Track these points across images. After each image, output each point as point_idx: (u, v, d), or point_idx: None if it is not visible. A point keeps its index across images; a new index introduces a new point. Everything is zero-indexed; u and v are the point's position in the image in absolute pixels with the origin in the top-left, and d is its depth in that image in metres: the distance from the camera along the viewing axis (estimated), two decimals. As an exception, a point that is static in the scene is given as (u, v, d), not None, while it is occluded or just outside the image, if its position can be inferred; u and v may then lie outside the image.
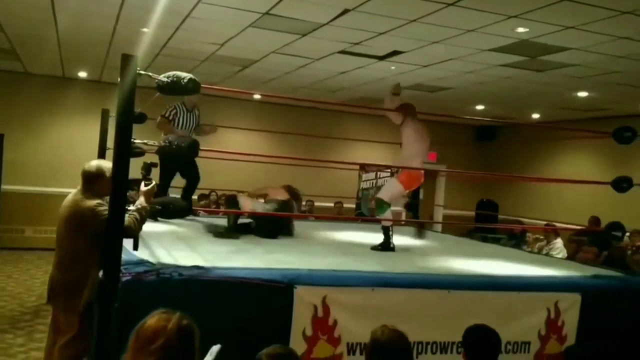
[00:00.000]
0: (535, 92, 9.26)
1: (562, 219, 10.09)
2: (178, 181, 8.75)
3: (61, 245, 3.64)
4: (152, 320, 1.99)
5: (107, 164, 3.64)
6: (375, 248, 5.23)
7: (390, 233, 5.26)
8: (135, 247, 3.51)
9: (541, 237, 9.31)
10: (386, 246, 5.24)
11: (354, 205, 10.89)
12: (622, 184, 4.71)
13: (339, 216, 5.17)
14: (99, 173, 3.64)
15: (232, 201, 5.77)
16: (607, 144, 4.85)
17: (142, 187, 3.61)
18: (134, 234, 3.46)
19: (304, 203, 10.82)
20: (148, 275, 3.20)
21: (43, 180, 11.11)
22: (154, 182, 3.67)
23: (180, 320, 1.99)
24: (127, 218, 3.37)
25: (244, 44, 7.36)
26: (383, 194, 5.35)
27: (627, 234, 6.80)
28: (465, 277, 4.21)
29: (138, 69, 3.25)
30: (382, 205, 5.28)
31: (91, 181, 3.63)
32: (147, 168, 3.77)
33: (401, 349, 2.57)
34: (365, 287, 3.64)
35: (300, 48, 7.34)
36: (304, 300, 3.45)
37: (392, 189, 5.44)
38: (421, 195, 8.56)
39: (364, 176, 12.09)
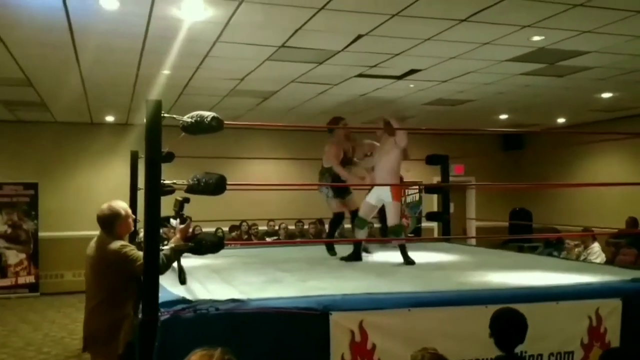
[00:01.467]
0: (558, 97, 9.18)
1: (598, 222, 9.93)
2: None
3: (91, 291, 3.70)
4: (195, 357, 2.02)
5: (119, 204, 3.72)
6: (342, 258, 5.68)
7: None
8: (183, 282, 3.59)
9: (578, 242, 9.15)
10: (357, 256, 5.74)
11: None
12: (655, 184, 4.65)
13: (378, 239, 5.25)
14: (114, 214, 3.72)
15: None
16: (636, 143, 4.80)
17: (178, 225, 3.68)
18: (160, 273, 3.53)
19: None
20: (186, 312, 3.25)
21: (78, 224, 11.32)
22: (189, 220, 3.74)
23: (222, 355, 2.02)
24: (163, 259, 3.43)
25: (262, 77, 7.49)
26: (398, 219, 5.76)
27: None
28: (502, 290, 4.17)
29: (162, 111, 3.36)
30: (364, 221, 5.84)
31: (108, 224, 3.71)
32: (180, 205, 3.84)
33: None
34: (402, 309, 3.64)
35: (318, 75, 7.44)
36: (341, 325, 3.46)
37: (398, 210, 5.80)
38: (452, 209, 8.53)
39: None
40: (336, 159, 5.97)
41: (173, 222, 3.73)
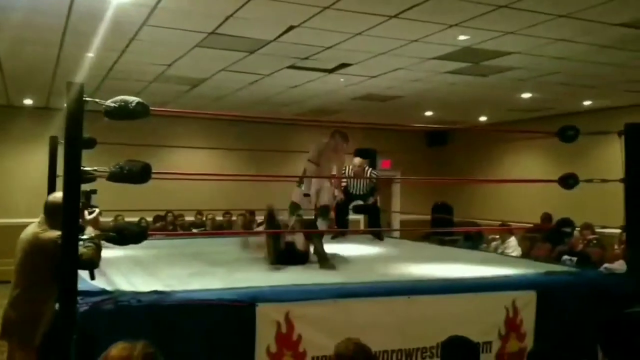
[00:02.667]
0: (481, 96, 9.50)
1: (515, 217, 10.35)
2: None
3: (19, 278, 3.54)
4: (116, 350, 1.96)
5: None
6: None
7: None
8: (92, 277, 3.45)
9: (496, 236, 9.52)
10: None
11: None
12: (568, 181, 4.87)
13: (314, 230, 5.26)
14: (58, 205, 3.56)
15: (272, 220, 5.10)
16: (554, 142, 5.01)
17: (87, 216, 3.55)
18: (96, 265, 3.41)
19: (260, 218, 10.81)
20: (106, 303, 3.14)
21: (-4, 212, 10.79)
22: (97, 209, 3.61)
23: (144, 349, 1.97)
24: (86, 250, 3.30)
25: (192, 64, 7.34)
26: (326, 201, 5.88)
27: (577, 228, 7.01)
28: (423, 282, 4.27)
29: (84, 95, 3.22)
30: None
31: (54, 213, 3.55)
32: (87, 195, 3.70)
33: (366, 363, 2.60)
34: (328, 300, 3.66)
35: (249, 65, 7.36)
36: (267, 317, 3.44)
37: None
38: (378, 202, 8.67)
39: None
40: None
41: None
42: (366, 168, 7.14)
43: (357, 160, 7.00)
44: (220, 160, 12.08)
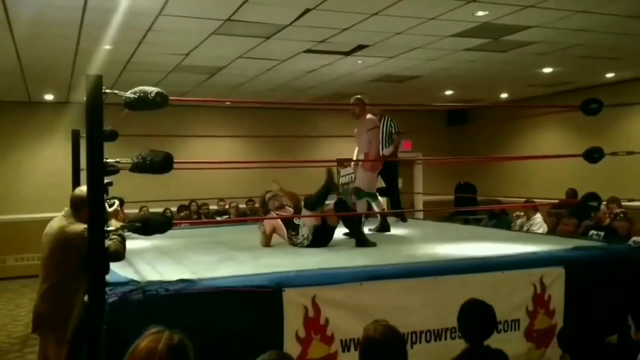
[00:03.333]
0: (501, 73, 9.36)
1: (540, 194, 10.25)
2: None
3: (47, 273, 3.59)
4: (144, 342, 1.98)
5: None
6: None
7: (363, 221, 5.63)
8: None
9: (521, 213, 9.43)
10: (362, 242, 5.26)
11: (334, 201, 10.91)
12: (593, 155, 4.80)
13: (334, 214, 5.18)
14: (85, 198, 3.59)
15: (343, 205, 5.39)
16: (577, 116, 4.94)
17: (107, 208, 3.58)
18: (122, 257, 3.45)
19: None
20: (134, 293, 3.18)
21: (19, 207, 10.97)
22: (116, 202, 3.65)
23: (170, 339, 1.98)
24: (112, 243, 3.35)
25: (208, 52, 7.33)
26: (360, 184, 5.73)
27: (603, 202, 6.91)
28: (449, 262, 4.26)
29: (104, 88, 3.23)
30: (360, 193, 5.69)
31: (78, 207, 3.59)
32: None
33: (395, 345, 2.59)
34: (354, 283, 3.67)
35: (266, 51, 7.33)
36: (294, 302, 3.46)
37: (366, 178, 5.80)
38: (400, 184, 8.62)
39: (342, 171, 12.12)
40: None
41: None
42: (385, 116, 6.77)
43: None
44: (241, 147, 12.12)
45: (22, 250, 10.91)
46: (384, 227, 6.25)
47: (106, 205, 3.60)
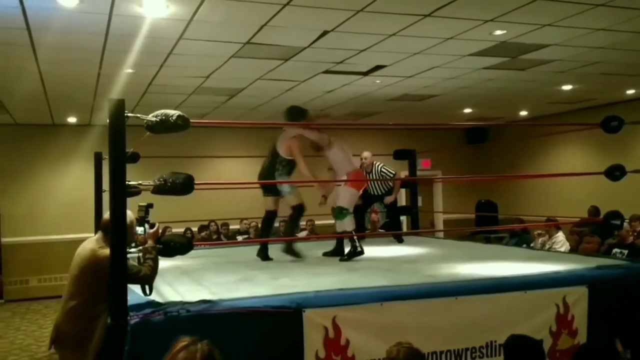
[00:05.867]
0: (520, 91, 9.34)
1: (561, 212, 10.13)
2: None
3: (73, 292, 3.62)
4: (181, 354, 2.02)
5: (127, 213, 3.64)
6: (342, 259, 5.49)
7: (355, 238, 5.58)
8: (145, 292, 3.52)
9: (543, 232, 9.32)
10: (355, 253, 5.49)
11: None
12: (615, 173, 4.77)
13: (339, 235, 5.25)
14: None
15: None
16: (598, 133, 4.90)
17: (148, 230, 3.62)
18: (151, 281, 3.49)
19: (303, 223, 10.86)
20: (156, 315, 3.20)
21: (42, 228, 11.12)
22: (157, 224, 3.68)
23: (203, 350, 2.03)
24: (144, 267, 3.40)
25: (228, 74, 7.43)
26: (341, 202, 5.66)
27: (627, 220, 6.82)
28: (470, 281, 4.22)
29: (126, 111, 3.29)
30: (342, 212, 5.62)
31: (109, 231, 3.64)
32: (145, 210, 3.78)
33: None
34: (374, 303, 3.65)
35: (285, 72, 7.41)
36: (314, 322, 3.46)
37: (347, 196, 5.71)
38: (420, 202, 8.60)
39: (361, 191, 12.14)
40: (301, 154, 5.77)
41: (139, 229, 3.67)
42: (375, 163, 6.95)
43: (366, 153, 6.83)
44: (259, 167, 12.14)
45: (45, 271, 11.05)
46: (339, 251, 5.76)
47: (146, 226, 3.64)
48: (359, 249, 5.49)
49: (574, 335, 4.11)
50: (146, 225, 3.64)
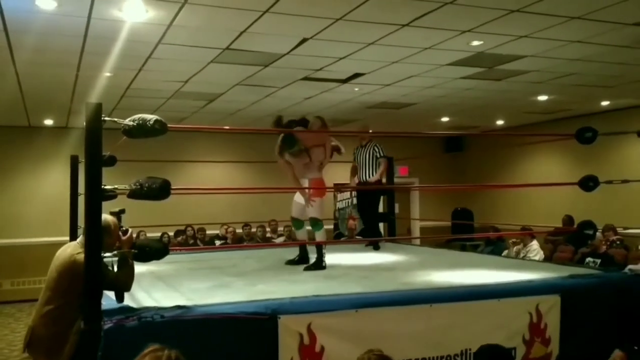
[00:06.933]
0: (497, 100, 9.46)
1: (536, 221, 10.28)
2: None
3: (50, 296, 3.57)
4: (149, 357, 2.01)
5: (107, 217, 3.60)
6: (308, 268, 5.37)
7: (324, 251, 5.46)
8: (121, 299, 3.49)
9: (518, 240, 9.44)
10: (319, 265, 5.37)
11: (331, 227, 10.93)
12: (588, 183, 4.83)
13: (327, 241, 5.20)
14: (103, 226, 3.59)
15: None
16: (573, 143, 4.98)
17: (122, 237, 3.59)
18: (129, 289, 3.47)
19: (281, 229, 10.86)
20: (129, 320, 3.18)
21: (17, 232, 10.95)
22: (130, 230, 3.66)
23: (169, 357, 2.01)
24: (120, 273, 3.38)
25: (207, 79, 7.41)
26: (314, 213, 5.56)
27: (599, 230, 6.93)
28: (445, 289, 4.26)
29: (103, 115, 3.27)
30: (317, 223, 5.55)
31: None
32: (117, 216, 3.75)
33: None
34: (349, 310, 3.66)
35: (264, 78, 7.42)
36: (289, 329, 3.46)
37: (316, 205, 5.59)
38: (397, 209, 8.65)
39: (339, 196, 12.18)
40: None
41: None
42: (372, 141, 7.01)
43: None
44: (239, 173, 12.14)
45: (18, 274, 10.88)
46: (304, 259, 5.70)
47: (120, 233, 3.61)
48: (324, 264, 5.37)
49: (546, 344, 4.16)
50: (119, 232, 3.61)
